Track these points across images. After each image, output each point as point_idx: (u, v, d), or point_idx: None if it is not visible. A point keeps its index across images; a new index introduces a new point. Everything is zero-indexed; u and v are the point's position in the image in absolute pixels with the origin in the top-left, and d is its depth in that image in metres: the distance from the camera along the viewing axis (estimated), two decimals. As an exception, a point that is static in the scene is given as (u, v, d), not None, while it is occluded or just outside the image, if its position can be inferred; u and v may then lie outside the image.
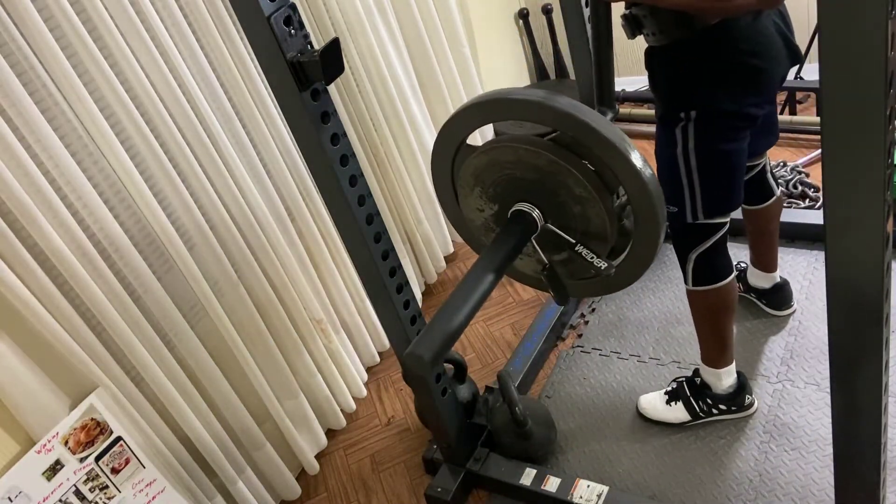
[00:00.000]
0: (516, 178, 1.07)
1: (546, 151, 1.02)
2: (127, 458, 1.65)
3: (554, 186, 1.04)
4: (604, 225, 1.04)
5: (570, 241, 1.09)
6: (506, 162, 1.08)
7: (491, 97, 1.09)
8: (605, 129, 0.96)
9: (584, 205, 1.04)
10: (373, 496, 2.08)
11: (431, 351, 0.99)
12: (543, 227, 1.08)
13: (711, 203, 1.60)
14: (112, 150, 1.58)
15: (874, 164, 0.83)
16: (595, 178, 1.01)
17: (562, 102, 0.98)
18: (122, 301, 1.61)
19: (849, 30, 0.74)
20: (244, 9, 1.19)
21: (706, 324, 1.77)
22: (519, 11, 3.21)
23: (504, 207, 1.12)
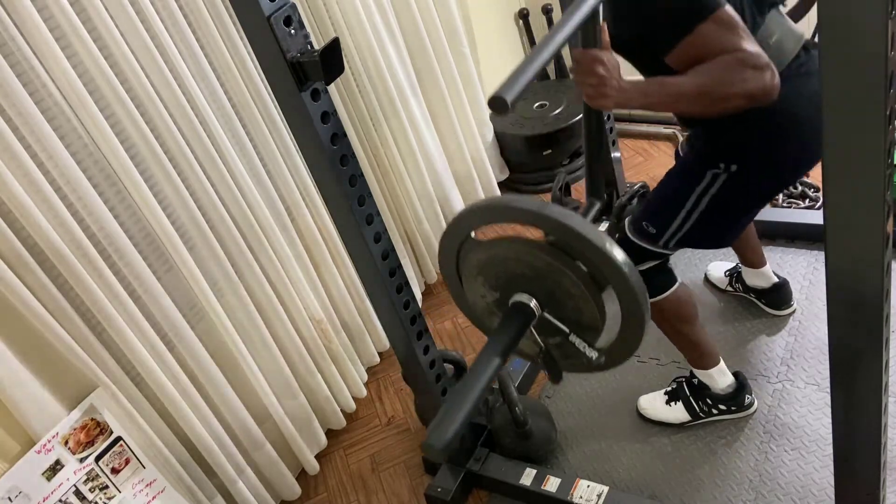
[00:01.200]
0: (516, 272, 1.18)
1: (543, 253, 1.13)
2: (127, 458, 1.65)
3: (550, 282, 1.15)
4: (595, 318, 1.16)
5: (564, 331, 1.20)
6: (506, 258, 1.19)
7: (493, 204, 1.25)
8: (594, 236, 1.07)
9: (577, 300, 1.15)
10: (373, 496, 2.08)
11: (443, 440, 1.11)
12: (541, 315, 1.19)
13: (689, 242, 1.62)
14: (112, 150, 1.58)
15: (874, 164, 0.83)
16: (587, 277, 1.12)
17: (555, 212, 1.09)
18: (122, 301, 1.61)
19: (849, 30, 0.74)
20: (244, 9, 1.19)
21: (669, 332, 1.80)
22: (519, 11, 3.21)
23: (505, 296, 1.23)
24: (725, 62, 1.24)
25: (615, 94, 1.27)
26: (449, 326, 2.56)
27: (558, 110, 2.97)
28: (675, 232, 1.59)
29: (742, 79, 1.24)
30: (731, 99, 1.26)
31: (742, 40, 1.25)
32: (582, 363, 1.25)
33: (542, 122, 2.95)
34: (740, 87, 1.24)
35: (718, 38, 1.26)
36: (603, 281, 1.13)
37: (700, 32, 1.27)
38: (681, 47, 1.29)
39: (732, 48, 1.24)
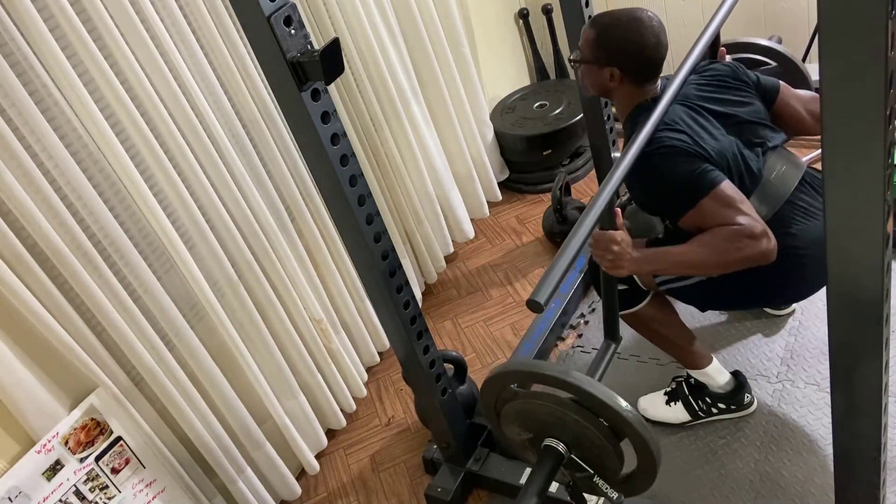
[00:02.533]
0: (548, 421, 1.37)
1: (570, 411, 1.31)
2: (127, 458, 1.65)
3: (576, 432, 1.34)
4: (615, 464, 1.34)
5: (589, 473, 1.38)
6: (540, 411, 1.37)
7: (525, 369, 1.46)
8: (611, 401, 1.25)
9: (599, 447, 1.33)
10: (373, 496, 2.08)
11: None
12: (568, 457, 1.37)
13: (682, 296, 1.73)
14: (112, 150, 1.58)
15: (874, 164, 0.83)
16: (607, 431, 1.30)
17: (577, 379, 1.28)
18: (122, 301, 1.61)
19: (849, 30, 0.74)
20: (244, 9, 1.19)
21: (652, 337, 1.86)
22: (519, 11, 3.21)
23: (537, 437, 1.41)
24: (722, 234, 1.42)
25: (628, 266, 1.46)
26: (449, 326, 2.56)
27: (558, 110, 2.97)
28: (671, 282, 1.69)
29: (738, 247, 1.40)
30: (731, 264, 1.44)
31: (738, 213, 1.41)
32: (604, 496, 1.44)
33: (542, 122, 2.95)
34: (736, 255, 1.41)
35: (717, 213, 1.43)
36: (620, 433, 1.30)
37: (701, 208, 1.45)
38: (687, 218, 1.48)
39: (730, 221, 1.41)
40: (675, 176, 1.47)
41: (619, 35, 1.53)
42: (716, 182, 1.44)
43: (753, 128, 1.59)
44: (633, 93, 1.59)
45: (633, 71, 1.55)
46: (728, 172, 1.49)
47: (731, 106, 1.59)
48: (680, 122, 1.50)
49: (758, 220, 1.41)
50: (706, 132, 1.52)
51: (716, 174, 1.45)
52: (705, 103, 1.57)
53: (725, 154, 1.50)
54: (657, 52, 1.53)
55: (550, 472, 1.38)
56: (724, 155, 1.50)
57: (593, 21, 1.59)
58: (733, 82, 1.63)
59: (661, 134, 1.48)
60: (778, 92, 1.67)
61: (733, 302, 1.80)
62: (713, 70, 1.66)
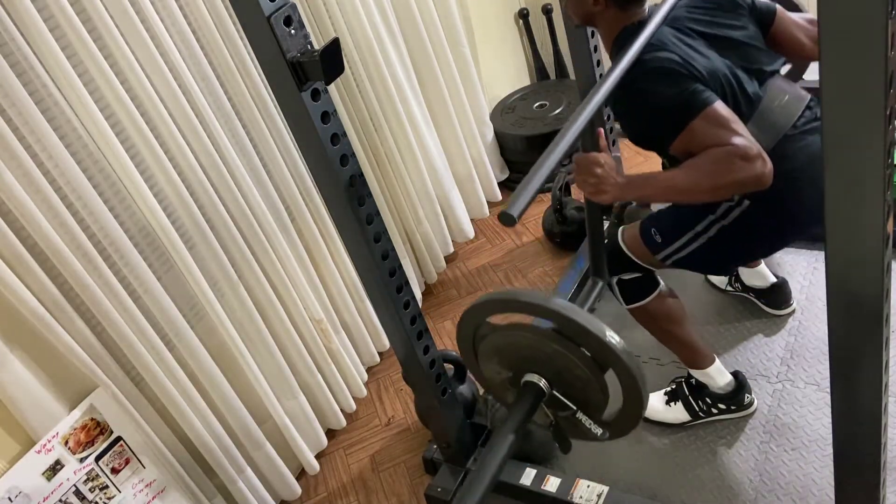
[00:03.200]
0: (527, 355, 1.31)
1: (550, 341, 1.25)
2: (127, 458, 1.65)
3: (559, 365, 1.27)
4: (599, 397, 1.27)
5: (571, 408, 1.32)
6: (519, 344, 1.31)
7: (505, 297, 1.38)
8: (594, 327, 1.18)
9: (582, 381, 1.26)
10: (373, 496, 2.08)
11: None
12: (550, 394, 1.31)
13: (688, 263, 1.66)
14: (112, 150, 1.58)
15: (874, 164, 0.83)
16: (591, 362, 1.23)
17: (558, 305, 1.21)
18: (122, 301, 1.61)
19: (849, 30, 0.74)
20: (244, 9, 1.19)
21: (659, 334, 1.82)
22: (519, 11, 3.21)
23: (517, 374, 1.35)
24: (714, 156, 1.32)
25: (613, 191, 1.39)
26: (449, 326, 2.56)
27: (558, 110, 2.97)
28: (678, 250, 1.63)
29: (731, 170, 1.31)
30: (723, 189, 1.35)
31: (731, 134, 1.32)
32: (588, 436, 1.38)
33: (542, 122, 2.95)
34: (730, 178, 1.31)
35: (709, 133, 1.34)
36: (604, 364, 1.23)
37: (692, 129, 1.36)
38: (678, 142, 1.39)
39: (722, 143, 1.31)
40: (664, 97, 1.39)
41: None
42: (707, 102, 1.35)
43: (748, 51, 1.51)
44: (617, 17, 1.51)
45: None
46: (721, 94, 1.40)
47: (724, 29, 1.50)
48: (668, 44, 1.42)
49: (753, 142, 1.32)
50: (697, 52, 1.43)
51: (707, 94, 1.36)
52: (696, 25, 1.49)
53: (718, 75, 1.41)
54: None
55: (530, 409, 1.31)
56: (716, 76, 1.41)
57: None
58: (726, 4, 1.54)
59: (649, 55, 1.40)
60: (774, 16, 1.58)
61: (753, 245, 1.66)
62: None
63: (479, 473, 1.31)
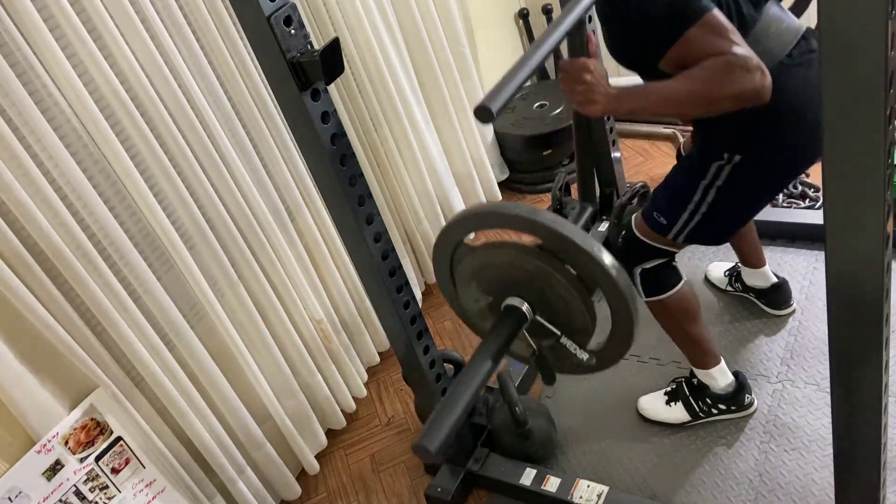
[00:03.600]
0: (508, 276, 1.21)
1: (533, 258, 1.15)
2: (127, 458, 1.65)
3: (541, 286, 1.18)
4: (585, 321, 1.19)
5: (555, 333, 1.23)
6: (498, 264, 1.22)
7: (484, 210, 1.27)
8: (581, 240, 1.09)
9: (567, 303, 1.18)
10: (373, 496, 2.08)
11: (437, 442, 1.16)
12: (533, 318, 1.22)
13: (699, 235, 1.62)
14: (112, 150, 1.58)
15: (874, 164, 0.83)
16: (576, 281, 1.15)
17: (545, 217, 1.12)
18: (122, 301, 1.61)
19: (849, 30, 0.74)
20: (244, 9, 1.19)
21: (673, 330, 1.80)
22: (519, 11, 3.21)
23: (497, 300, 1.26)
24: (713, 65, 1.25)
25: (603, 101, 1.31)
26: (449, 326, 2.56)
27: (558, 110, 2.97)
28: (685, 225, 1.59)
29: (730, 80, 1.24)
30: (720, 101, 1.27)
31: (730, 44, 1.25)
32: (574, 365, 1.28)
33: (542, 122, 2.95)
34: (729, 90, 1.25)
35: (707, 42, 1.26)
36: (592, 284, 1.15)
37: (688, 38, 1.28)
38: (671, 53, 1.31)
39: (721, 52, 1.24)
40: (660, 3, 1.31)
41: None
42: (706, 9, 1.27)
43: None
44: None
45: None
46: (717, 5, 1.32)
47: None
48: None
49: (752, 53, 1.25)
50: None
51: (705, 2, 1.28)
52: None
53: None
54: None
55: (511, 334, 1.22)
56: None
57: None
58: None
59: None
60: None
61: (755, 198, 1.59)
62: None
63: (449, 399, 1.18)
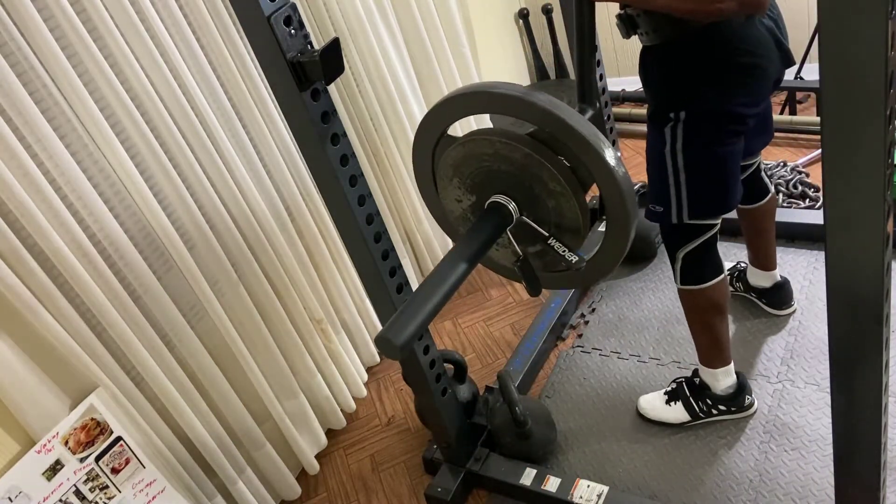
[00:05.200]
0: (494, 171, 1.10)
1: (522, 146, 1.05)
2: (127, 458, 1.65)
3: (530, 180, 1.07)
4: (577, 220, 1.08)
5: (543, 235, 1.13)
6: (484, 154, 1.10)
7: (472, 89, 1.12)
8: (581, 126, 0.99)
9: (558, 199, 1.07)
10: (373, 496, 2.08)
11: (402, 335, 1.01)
12: (518, 219, 1.11)
13: (697, 205, 1.60)
14: (112, 150, 1.58)
15: (874, 164, 0.83)
16: (570, 173, 1.05)
17: (540, 98, 1.00)
18: (122, 301, 1.61)
19: (849, 30, 0.74)
20: (244, 9, 1.19)
21: (698, 323, 1.77)
22: (519, 11, 3.21)
23: (481, 199, 1.15)
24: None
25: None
26: (449, 326, 2.56)
27: (558, 110, 2.96)
28: (678, 202, 1.58)
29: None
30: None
31: None
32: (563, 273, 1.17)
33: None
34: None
35: None
36: (587, 178, 1.05)
37: None
38: None
39: None
40: None
41: None
42: None
43: None
44: None
45: None
46: None
47: None
48: None
49: None
50: None
51: None
52: None
53: None
54: None
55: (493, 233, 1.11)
56: None
57: None
58: None
59: None
60: None
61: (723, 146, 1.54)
62: None
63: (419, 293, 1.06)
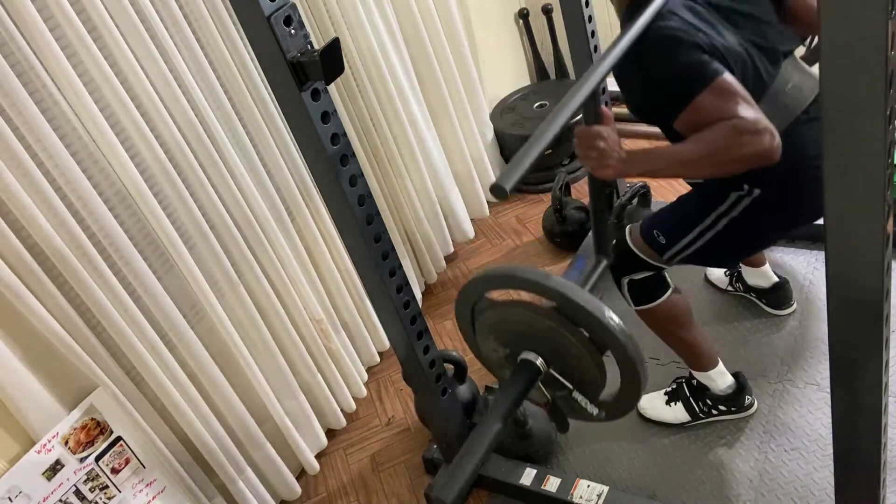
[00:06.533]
0: (524, 333, 1.29)
1: (547, 319, 1.23)
2: (127, 458, 1.65)
3: (555, 343, 1.25)
4: (595, 378, 1.27)
5: (568, 387, 1.31)
6: (515, 320, 1.30)
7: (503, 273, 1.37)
8: (593, 307, 1.17)
9: (579, 360, 1.25)
10: (373, 496, 2.08)
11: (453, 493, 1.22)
12: (547, 372, 1.30)
13: (696, 259, 1.63)
14: (112, 150, 1.58)
15: (874, 164, 0.83)
16: (588, 342, 1.22)
17: (558, 283, 1.19)
18: (122, 301, 1.61)
19: (849, 30, 0.74)
20: (244, 9, 1.19)
21: (666, 336, 1.80)
22: (519, 11, 3.21)
23: (514, 352, 1.33)
24: (722, 129, 1.28)
25: (615, 165, 1.35)
26: (449, 326, 2.56)
27: (558, 110, 2.97)
28: (684, 248, 1.60)
29: (739, 144, 1.27)
30: (730, 164, 1.31)
31: (739, 107, 1.27)
32: (584, 416, 1.36)
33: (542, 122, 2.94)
34: (738, 152, 1.28)
35: (716, 107, 1.29)
36: (602, 345, 1.22)
37: (699, 102, 1.31)
38: (683, 117, 1.34)
39: (730, 115, 1.27)
40: (671, 67, 1.35)
41: None
42: (716, 73, 1.30)
43: (762, 28, 1.45)
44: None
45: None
46: (730, 69, 1.34)
47: (738, 2, 1.45)
48: (678, 13, 1.38)
49: (761, 116, 1.28)
50: (707, 24, 1.38)
51: (715, 66, 1.31)
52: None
53: (729, 50, 1.36)
54: None
55: (526, 386, 1.29)
56: (727, 51, 1.36)
57: None
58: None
59: (658, 23, 1.36)
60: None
61: (764, 233, 1.61)
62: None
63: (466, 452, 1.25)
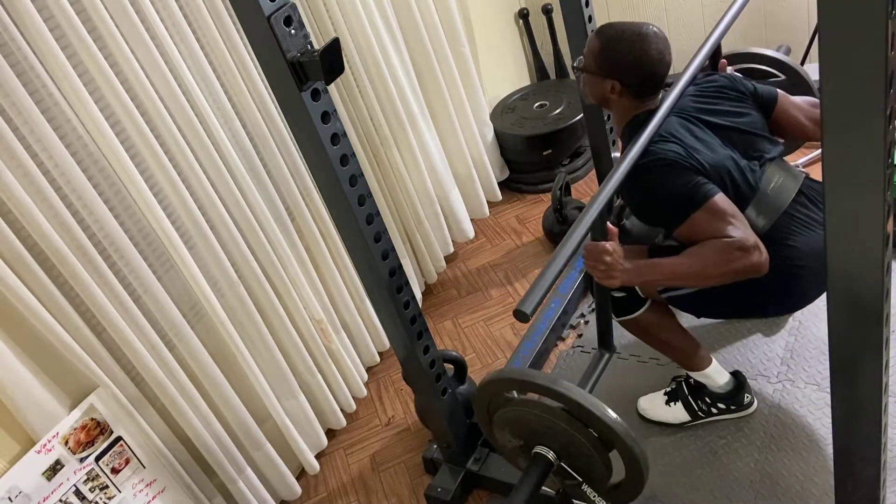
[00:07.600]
0: (538, 429, 1.40)
1: (559, 420, 1.33)
2: (127, 458, 1.65)
3: (566, 441, 1.36)
4: (603, 472, 1.36)
5: (578, 481, 1.40)
6: (529, 419, 1.40)
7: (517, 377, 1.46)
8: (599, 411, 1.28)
9: (588, 457, 1.35)
10: (373, 496, 2.08)
11: None
12: (558, 465, 1.40)
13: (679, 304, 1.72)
14: (112, 150, 1.58)
15: (874, 164, 0.83)
16: (596, 441, 1.32)
17: (565, 387, 1.30)
18: (122, 301, 1.61)
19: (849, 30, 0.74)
20: (244, 9, 1.19)
21: (652, 342, 1.85)
22: (519, 11, 3.21)
23: (528, 444, 1.44)
24: (714, 246, 1.43)
25: (620, 276, 1.46)
26: (449, 326, 2.56)
27: (558, 110, 2.97)
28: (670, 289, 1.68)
29: (729, 259, 1.41)
30: (723, 276, 1.44)
31: (730, 227, 1.43)
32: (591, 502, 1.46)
33: (542, 122, 2.95)
34: (728, 267, 1.42)
35: (709, 225, 1.45)
36: (609, 444, 1.32)
37: (694, 220, 1.46)
38: (681, 229, 1.49)
39: (721, 234, 1.42)
40: (668, 189, 1.48)
41: (623, 49, 1.54)
42: (709, 195, 1.45)
43: (751, 139, 1.59)
44: (631, 105, 1.60)
45: (635, 85, 1.57)
46: (722, 185, 1.49)
47: (729, 117, 1.60)
48: (675, 134, 1.51)
49: (749, 234, 1.43)
50: (702, 144, 1.52)
51: (709, 187, 1.46)
52: (702, 115, 1.58)
53: (720, 166, 1.51)
54: (660, 68, 1.55)
55: (539, 479, 1.41)
56: (718, 167, 1.50)
57: (599, 31, 1.59)
58: (731, 93, 1.64)
59: (655, 146, 1.49)
60: (776, 101, 1.67)
61: (731, 311, 1.80)
62: (710, 81, 1.66)
63: None
